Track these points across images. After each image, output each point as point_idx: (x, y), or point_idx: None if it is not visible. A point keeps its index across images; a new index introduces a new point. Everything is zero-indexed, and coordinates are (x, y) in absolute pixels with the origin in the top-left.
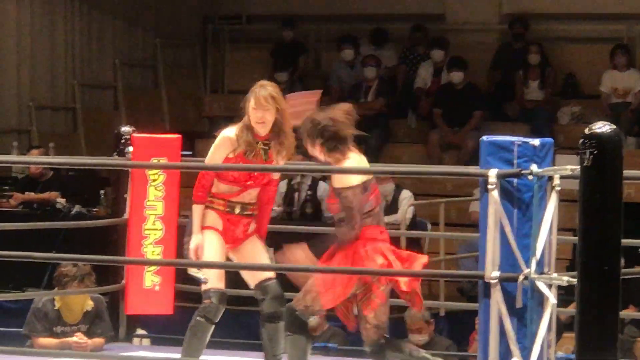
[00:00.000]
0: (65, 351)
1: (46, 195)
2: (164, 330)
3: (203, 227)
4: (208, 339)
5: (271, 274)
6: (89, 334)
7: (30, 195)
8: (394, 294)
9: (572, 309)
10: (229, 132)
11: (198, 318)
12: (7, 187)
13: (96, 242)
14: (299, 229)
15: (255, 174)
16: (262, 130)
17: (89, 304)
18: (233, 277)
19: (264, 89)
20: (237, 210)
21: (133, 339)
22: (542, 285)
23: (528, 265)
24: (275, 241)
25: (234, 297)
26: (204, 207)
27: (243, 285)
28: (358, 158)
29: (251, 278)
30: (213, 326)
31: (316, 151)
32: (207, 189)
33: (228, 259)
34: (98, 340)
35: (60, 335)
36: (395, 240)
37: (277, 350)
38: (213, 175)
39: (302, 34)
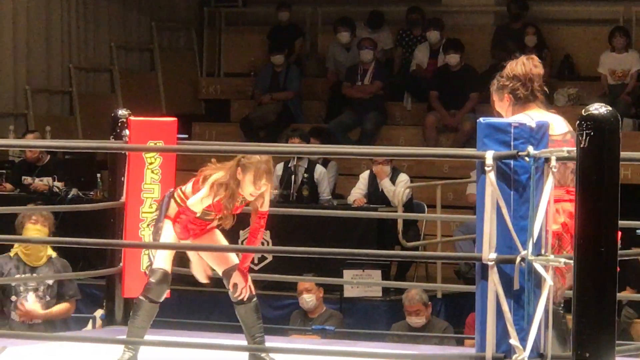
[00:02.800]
0: (59, 334)
1: (40, 185)
2: (160, 312)
3: (165, 216)
4: (152, 318)
5: (236, 261)
6: (58, 296)
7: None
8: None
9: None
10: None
11: (140, 297)
12: (4, 171)
13: (93, 226)
14: (296, 211)
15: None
16: (249, 197)
17: (51, 252)
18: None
19: (265, 164)
20: (198, 215)
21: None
22: (539, 267)
23: (525, 247)
24: (272, 223)
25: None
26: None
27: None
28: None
29: (217, 266)
30: (156, 305)
31: (504, 104)
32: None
33: None
34: (67, 306)
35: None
36: (391, 223)
37: (255, 330)
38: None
39: (298, 17)
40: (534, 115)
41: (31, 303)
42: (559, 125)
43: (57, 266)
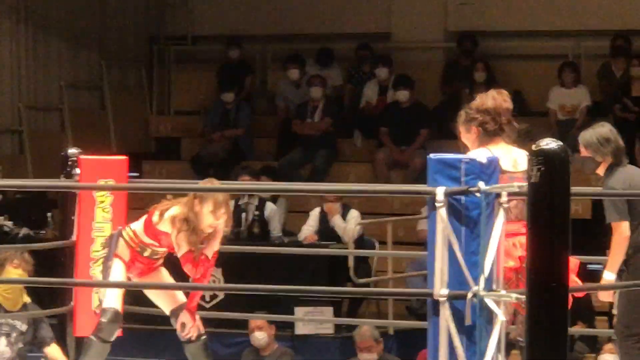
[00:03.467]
0: None
1: None
2: (112, 351)
3: (114, 254)
4: (103, 358)
5: (183, 299)
6: (38, 341)
7: None
8: None
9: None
10: (177, 226)
11: (91, 336)
12: None
13: (44, 265)
14: (247, 249)
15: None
16: (208, 229)
17: (26, 298)
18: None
19: (222, 195)
20: (147, 254)
21: None
22: (490, 303)
23: (477, 282)
24: (224, 261)
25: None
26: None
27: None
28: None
29: (165, 306)
30: (107, 345)
31: (471, 136)
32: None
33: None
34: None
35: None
36: (342, 259)
37: None
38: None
39: (247, 54)
40: (498, 150)
41: (1, 347)
42: (522, 162)
43: (32, 311)
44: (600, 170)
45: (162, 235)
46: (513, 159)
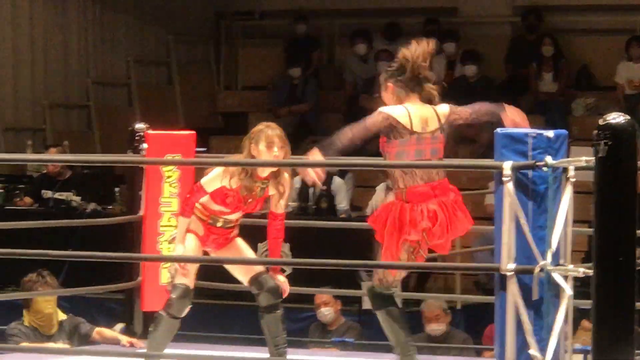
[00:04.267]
0: (80, 348)
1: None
2: (181, 326)
3: (187, 230)
4: (173, 333)
5: (261, 268)
6: (81, 338)
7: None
8: None
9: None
10: (230, 172)
11: (160, 312)
12: (22, 186)
13: (112, 240)
14: (314, 224)
15: (247, 205)
16: (266, 172)
17: (61, 315)
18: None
19: (273, 130)
20: (219, 224)
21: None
22: (558, 277)
23: (544, 257)
24: (291, 236)
25: (233, 292)
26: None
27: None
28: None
29: (243, 275)
30: (177, 321)
31: (388, 94)
32: (194, 205)
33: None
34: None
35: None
36: None
37: (279, 340)
38: (204, 195)
39: (315, 29)
40: (412, 108)
41: None
42: (432, 121)
43: (67, 329)
44: None
45: (225, 193)
46: (424, 118)
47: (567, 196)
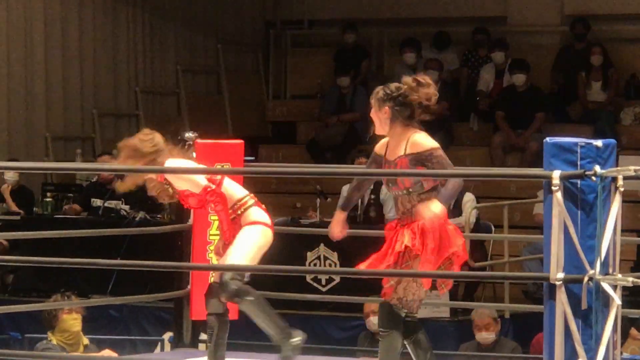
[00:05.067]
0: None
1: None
2: (228, 335)
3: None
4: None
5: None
6: None
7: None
8: None
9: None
10: None
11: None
12: (71, 195)
13: (161, 249)
14: (362, 232)
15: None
16: None
17: (85, 340)
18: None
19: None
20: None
21: (198, 345)
22: (607, 286)
23: (593, 266)
24: (339, 245)
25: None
26: None
27: (307, 290)
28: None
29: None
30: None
31: (381, 115)
32: None
33: None
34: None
35: None
36: None
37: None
38: None
39: (363, 38)
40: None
41: None
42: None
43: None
44: None
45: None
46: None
47: (615, 205)
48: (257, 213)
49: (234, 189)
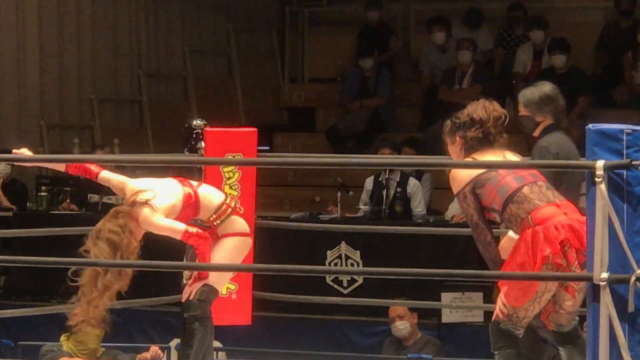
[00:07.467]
0: None
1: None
2: (241, 341)
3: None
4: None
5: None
6: None
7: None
8: None
9: None
10: None
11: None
12: (67, 189)
13: (165, 248)
14: (388, 229)
15: None
16: None
17: (101, 349)
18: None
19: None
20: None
21: None
22: None
23: None
24: (363, 242)
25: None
26: None
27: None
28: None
29: None
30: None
31: (455, 147)
32: None
33: None
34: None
35: None
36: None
37: None
38: None
39: (388, 16)
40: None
41: None
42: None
43: None
44: (537, 133)
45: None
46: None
47: None
48: (235, 223)
49: (211, 196)
